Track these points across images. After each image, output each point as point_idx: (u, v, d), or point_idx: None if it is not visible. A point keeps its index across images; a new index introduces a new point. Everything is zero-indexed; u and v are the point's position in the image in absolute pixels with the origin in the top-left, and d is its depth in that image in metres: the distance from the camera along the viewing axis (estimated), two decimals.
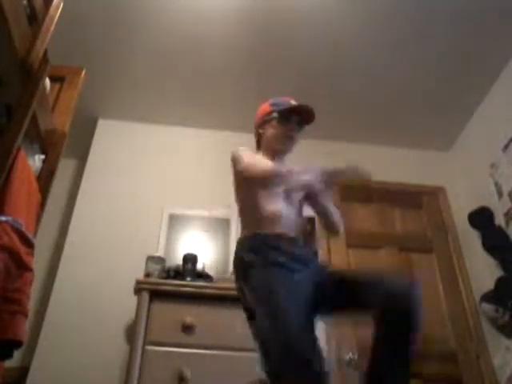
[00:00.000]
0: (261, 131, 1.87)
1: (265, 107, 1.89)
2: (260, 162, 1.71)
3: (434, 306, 2.98)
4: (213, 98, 3.30)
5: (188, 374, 2.04)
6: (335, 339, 2.76)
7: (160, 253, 2.80)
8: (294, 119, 1.83)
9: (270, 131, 1.84)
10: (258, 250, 1.54)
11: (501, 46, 2.90)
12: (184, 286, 2.32)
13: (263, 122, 1.86)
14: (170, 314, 2.20)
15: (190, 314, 2.20)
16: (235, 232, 3.05)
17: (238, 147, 1.81)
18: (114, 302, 2.67)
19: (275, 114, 1.83)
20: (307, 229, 2.57)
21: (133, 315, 2.24)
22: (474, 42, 2.88)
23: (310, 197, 1.81)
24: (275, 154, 1.84)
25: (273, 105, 1.86)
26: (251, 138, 3.52)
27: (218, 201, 3.05)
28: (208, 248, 2.98)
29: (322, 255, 3.04)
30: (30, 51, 1.77)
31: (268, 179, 1.64)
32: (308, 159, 3.49)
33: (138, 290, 2.28)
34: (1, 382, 1.77)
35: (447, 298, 3.02)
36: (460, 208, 3.29)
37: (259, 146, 1.89)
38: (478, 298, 2.87)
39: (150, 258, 2.56)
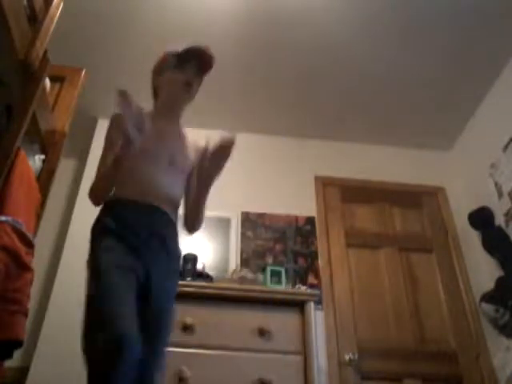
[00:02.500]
0: (155, 83, 1.73)
1: (160, 56, 1.75)
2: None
3: (434, 306, 2.99)
4: (212, 98, 3.30)
5: (188, 374, 2.04)
6: (335, 339, 2.76)
7: None
8: (193, 64, 1.69)
9: (166, 79, 1.70)
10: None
11: (501, 46, 2.90)
12: (184, 286, 2.31)
13: (159, 70, 1.72)
14: None
15: (190, 314, 2.19)
16: (235, 232, 3.06)
17: (237, 147, 1.78)
18: None
19: (171, 59, 1.69)
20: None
21: None
22: (475, 41, 2.87)
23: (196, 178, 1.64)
24: (173, 106, 1.72)
25: (169, 53, 1.73)
26: (251, 138, 3.53)
27: (218, 201, 3.05)
28: (208, 248, 2.98)
29: (321, 255, 3.05)
30: (29, 51, 1.77)
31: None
32: (307, 159, 3.51)
33: None
34: (1, 381, 1.77)
35: (447, 298, 3.02)
36: (460, 208, 3.29)
37: (155, 98, 1.75)
38: (478, 298, 2.87)
39: None
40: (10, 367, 2.07)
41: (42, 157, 2.10)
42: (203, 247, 2.96)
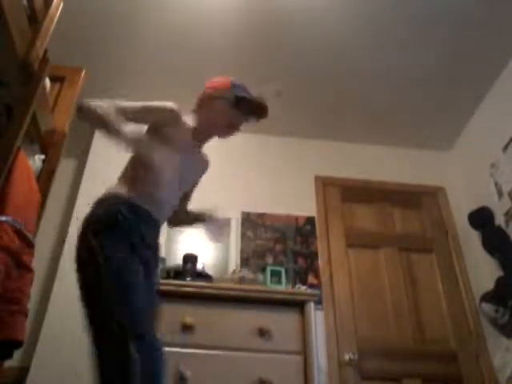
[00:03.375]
0: (205, 101, 1.74)
1: (225, 82, 1.75)
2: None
3: (434, 306, 2.99)
4: None
5: (188, 374, 2.04)
6: (335, 339, 2.76)
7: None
8: (246, 111, 1.72)
9: (216, 109, 1.72)
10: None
11: (501, 46, 2.90)
12: (184, 286, 2.31)
13: (216, 96, 1.72)
14: (170, 314, 2.20)
15: (190, 313, 2.19)
16: (235, 232, 3.06)
17: (237, 147, 1.80)
18: None
19: (231, 96, 1.69)
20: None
21: None
22: (474, 42, 2.87)
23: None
24: (205, 134, 1.76)
25: (234, 86, 1.73)
26: (251, 138, 3.53)
27: (218, 201, 3.05)
28: (208, 248, 2.98)
29: (321, 255, 3.05)
30: (29, 51, 1.77)
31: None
32: (307, 159, 3.51)
33: None
34: (1, 381, 1.77)
35: (447, 298, 3.02)
36: (460, 208, 3.29)
37: (194, 111, 1.77)
38: (478, 298, 2.87)
39: None
40: (10, 367, 2.07)
41: (42, 157, 2.10)
42: (203, 247, 2.96)
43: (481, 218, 2.99)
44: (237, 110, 1.70)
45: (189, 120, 1.73)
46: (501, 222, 2.87)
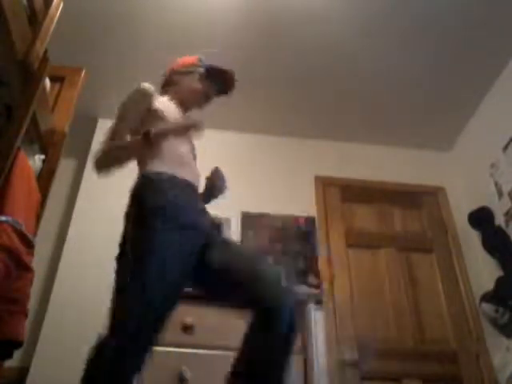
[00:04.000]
0: (176, 78, 1.83)
1: (191, 58, 1.88)
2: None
3: (434, 306, 2.99)
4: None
5: (188, 374, 2.04)
6: (335, 339, 2.76)
7: None
8: (218, 83, 1.84)
9: (188, 83, 1.82)
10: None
11: (501, 46, 2.90)
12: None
13: (184, 72, 1.83)
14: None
15: (190, 314, 2.19)
16: (235, 232, 3.05)
17: (237, 147, 1.81)
18: None
19: (201, 70, 1.83)
20: None
21: None
22: (474, 42, 2.88)
23: None
24: (183, 105, 1.81)
25: (200, 60, 1.86)
26: (251, 138, 3.53)
27: (218, 201, 3.05)
28: None
29: (321, 255, 3.05)
30: (29, 51, 1.77)
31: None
32: (307, 159, 3.51)
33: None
34: (1, 382, 1.77)
35: (447, 298, 3.02)
36: (460, 208, 3.29)
37: (165, 90, 1.84)
38: (478, 298, 2.87)
39: None
40: (10, 367, 2.07)
41: (42, 157, 2.10)
42: None
43: (481, 218, 2.99)
44: (208, 80, 1.82)
45: (161, 99, 1.75)
46: (501, 222, 2.87)
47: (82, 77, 2.43)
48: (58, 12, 2.04)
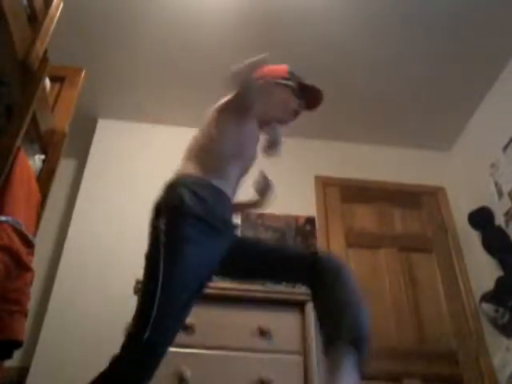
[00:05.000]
0: (268, 88, 1.68)
1: (283, 69, 1.76)
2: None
3: (434, 306, 2.99)
4: (213, 98, 3.30)
5: (188, 374, 2.04)
6: None
7: None
8: (308, 100, 1.75)
9: (281, 96, 1.71)
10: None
11: (501, 46, 2.90)
12: None
13: (274, 83, 1.71)
14: None
15: (190, 313, 2.19)
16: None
17: None
18: (114, 301, 2.67)
19: (293, 84, 1.72)
20: None
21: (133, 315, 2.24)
22: (474, 42, 2.88)
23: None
24: (268, 117, 1.71)
25: (291, 73, 1.76)
26: None
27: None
28: None
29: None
30: (29, 51, 1.77)
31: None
32: (307, 159, 3.51)
33: (138, 290, 2.27)
34: (1, 382, 1.77)
35: (447, 298, 3.02)
36: (460, 208, 3.29)
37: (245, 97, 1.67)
38: (477, 298, 2.87)
39: None
40: (10, 367, 2.07)
41: (42, 157, 2.10)
42: None
43: (481, 218, 2.99)
44: (299, 96, 1.72)
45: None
46: (501, 222, 2.87)
47: (82, 77, 2.43)
48: (58, 12, 2.04)
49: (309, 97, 1.76)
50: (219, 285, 2.41)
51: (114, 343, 2.70)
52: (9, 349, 1.63)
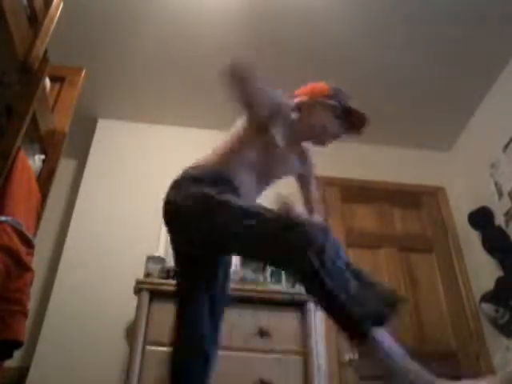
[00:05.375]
0: (308, 108, 1.62)
1: (324, 88, 1.67)
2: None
3: (434, 306, 2.99)
4: (213, 98, 3.30)
5: None
6: (335, 339, 2.76)
7: (160, 253, 2.80)
8: (350, 124, 1.64)
9: (322, 118, 1.61)
10: None
11: (501, 46, 2.90)
12: None
13: (320, 103, 1.62)
14: (170, 314, 2.19)
15: None
16: None
17: None
18: (114, 301, 2.67)
19: (338, 105, 1.61)
20: None
21: (133, 315, 2.24)
22: (474, 42, 2.87)
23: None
24: (302, 136, 1.66)
25: (335, 94, 1.65)
26: None
27: None
28: None
29: None
30: (29, 51, 1.77)
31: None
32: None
33: (138, 290, 2.28)
34: (1, 382, 1.77)
35: (447, 298, 3.02)
36: (460, 208, 3.29)
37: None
38: (478, 298, 2.87)
39: (150, 258, 2.56)
40: (10, 367, 2.07)
41: (42, 157, 2.10)
42: None
43: (481, 218, 2.99)
44: (342, 119, 1.61)
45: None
46: (501, 222, 2.87)
47: (82, 77, 2.43)
48: (58, 12, 2.04)
49: (355, 123, 1.65)
50: None
51: (114, 343, 2.71)
52: (9, 349, 1.63)
